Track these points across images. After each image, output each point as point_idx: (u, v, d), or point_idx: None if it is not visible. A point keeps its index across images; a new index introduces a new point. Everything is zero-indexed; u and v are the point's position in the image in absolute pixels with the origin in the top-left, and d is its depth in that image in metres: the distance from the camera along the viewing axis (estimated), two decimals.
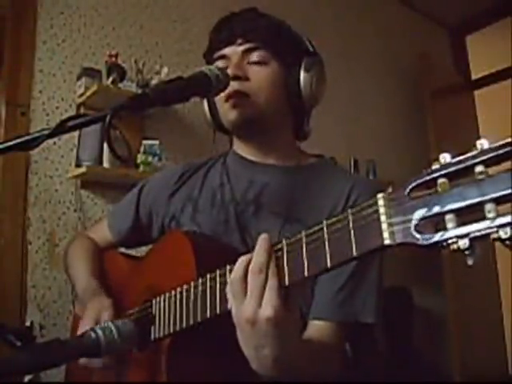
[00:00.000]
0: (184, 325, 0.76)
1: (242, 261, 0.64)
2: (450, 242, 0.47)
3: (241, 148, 1.06)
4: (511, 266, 3.42)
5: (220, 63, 0.98)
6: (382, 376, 0.80)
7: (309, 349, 0.77)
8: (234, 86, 0.92)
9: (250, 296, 0.62)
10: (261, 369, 0.65)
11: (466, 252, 0.46)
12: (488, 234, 0.45)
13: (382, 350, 0.86)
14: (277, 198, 0.97)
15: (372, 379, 0.77)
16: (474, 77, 4.13)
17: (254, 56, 0.97)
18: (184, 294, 0.77)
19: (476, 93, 4.08)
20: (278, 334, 0.61)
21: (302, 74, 0.98)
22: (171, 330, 0.79)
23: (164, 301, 0.82)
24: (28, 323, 1.82)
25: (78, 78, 2.09)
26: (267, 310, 0.60)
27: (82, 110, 2.08)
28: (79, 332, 0.87)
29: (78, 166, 2.00)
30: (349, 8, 3.46)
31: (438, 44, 4.22)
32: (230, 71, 0.92)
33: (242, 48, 0.97)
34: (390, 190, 0.53)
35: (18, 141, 0.70)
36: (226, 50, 0.98)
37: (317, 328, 0.85)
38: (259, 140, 1.02)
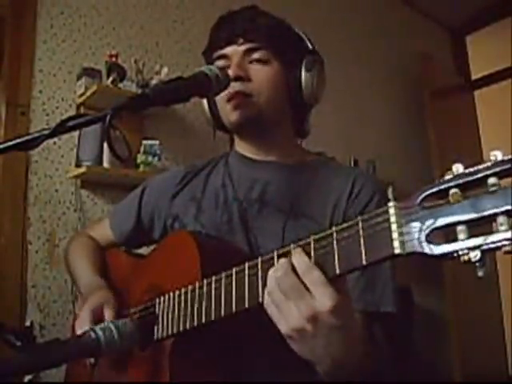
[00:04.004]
0: (188, 326, 0.76)
1: (281, 264, 0.61)
2: (460, 253, 0.47)
3: (242, 147, 1.06)
4: (511, 266, 3.42)
5: (220, 62, 0.98)
6: (382, 376, 0.79)
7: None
8: (235, 86, 0.92)
9: (307, 294, 0.58)
10: (333, 368, 0.62)
11: (477, 264, 0.46)
12: (500, 247, 0.45)
13: (382, 350, 0.85)
14: (280, 195, 0.97)
15: (372, 379, 0.76)
16: (474, 77, 4.13)
17: (256, 56, 0.96)
18: (189, 294, 0.77)
19: (476, 93, 4.08)
20: (343, 323, 0.58)
21: (304, 73, 0.98)
22: (174, 331, 0.79)
23: (168, 301, 0.82)
24: (28, 323, 1.82)
25: (78, 78, 2.09)
26: (325, 301, 0.57)
27: (82, 110, 2.08)
28: (77, 325, 0.87)
29: (77, 165, 2.00)
30: (348, 8, 3.46)
31: (438, 44, 4.22)
32: (231, 72, 0.92)
33: (243, 48, 0.96)
34: (390, 190, 0.52)
35: (18, 141, 0.70)
36: (227, 50, 0.98)
37: None
38: (260, 138, 1.02)
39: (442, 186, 0.49)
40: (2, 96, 1.97)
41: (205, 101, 1.06)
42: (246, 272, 0.67)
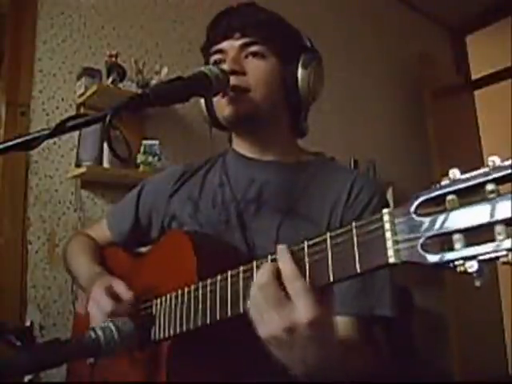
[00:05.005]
0: (184, 328, 0.76)
1: (266, 269, 0.61)
2: (456, 263, 0.45)
3: (239, 145, 1.06)
4: (511, 266, 3.41)
5: (217, 57, 0.98)
6: (382, 376, 0.79)
7: (345, 345, 0.74)
8: (230, 80, 0.91)
9: (288, 303, 0.58)
10: (310, 375, 0.63)
11: (474, 274, 0.44)
12: (497, 257, 0.43)
13: (382, 350, 0.85)
14: (277, 195, 0.97)
15: (372, 379, 0.76)
16: (474, 77, 4.13)
17: (252, 49, 0.95)
18: (185, 296, 0.77)
19: (476, 93, 4.08)
20: (320, 335, 0.59)
21: (300, 70, 0.97)
22: (171, 333, 0.79)
23: (164, 302, 0.82)
24: (28, 323, 1.82)
25: (78, 78, 2.09)
26: (304, 313, 0.57)
27: (81, 110, 2.08)
28: (90, 308, 0.86)
29: (77, 165, 2.00)
30: (348, 8, 3.46)
31: (438, 44, 4.22)
32: (226, 66, 0.92)
33: (239, 42, 0.96)
34: (390, 190, 0.51)
35: (18, 141, 0.70)
36: (224, 44, 0.97)
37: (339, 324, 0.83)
38: (256, 136, 1.02)
39: (439, 192, 0.47)
40: (1, 96, 1.97)
41: (202, 99, 1.05)
42: (241, 276, 0.67)
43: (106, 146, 1.93)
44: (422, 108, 3.50)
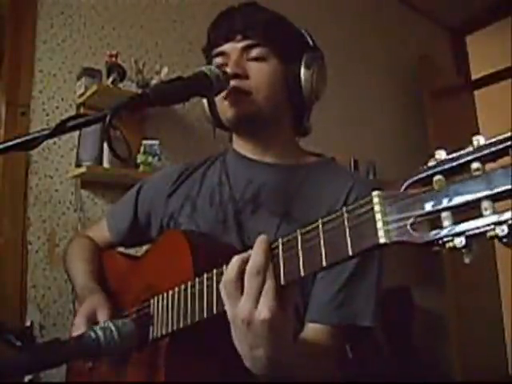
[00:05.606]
0: (181, 325, 0.76)
1: (235, 260, 0.64)
2: (445, 240, 0.46)
3: (239, 145, 1.06)
4: (511, 266, 3.42)
5: (219, 60, 0.97)
6: (382, 376, 0.80)
7: (303, 350, 0.76)
8: (232, 83, 0.90)
9: (246, 297, 0.61)
10: (254, 367, 0.65)
11: (463, 250, 0.45)
12: (484, 232, 0.44)
13: (383, 350, 0.86)
14: (274, 197, 0.96)
15: (372, 379, 0.76)
16: (474, 77, 4.13)
17: (254, 53, 0.95)
18: (182, 293, 0.77)
19: (476, 93, 4.08)
20: (272, 335, 0.61)
21: (303, 70, 0.97)
22: (169, 330, 0.79)
23: (162, 300, 0.82)
24: (28, 323, 1.82)
25: (78, 78, 2.09)
26: (263, 311, 0.60)
27: (81, 110, 2.08)
28: (73, 330, 0.87)
29: (78, 165, 2.00)
30: (349, 8, 3.46)
31: (438, 44, 4.22)
32: (229, 69, 0.92)
33: (241, 45, 0.95)
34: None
35: (18, 141, 0.70)
36: (225, 47, 0.97)
37: (313, 331, 0.85)
38: (258, 137, 1.01)
39: (426, 173, 0.48)
40: (2, 96, 1.97)
41: (205, 99, 1.05)
42: None
43: (106, 146, 1.93)
44: (422, 108, 3.50)
